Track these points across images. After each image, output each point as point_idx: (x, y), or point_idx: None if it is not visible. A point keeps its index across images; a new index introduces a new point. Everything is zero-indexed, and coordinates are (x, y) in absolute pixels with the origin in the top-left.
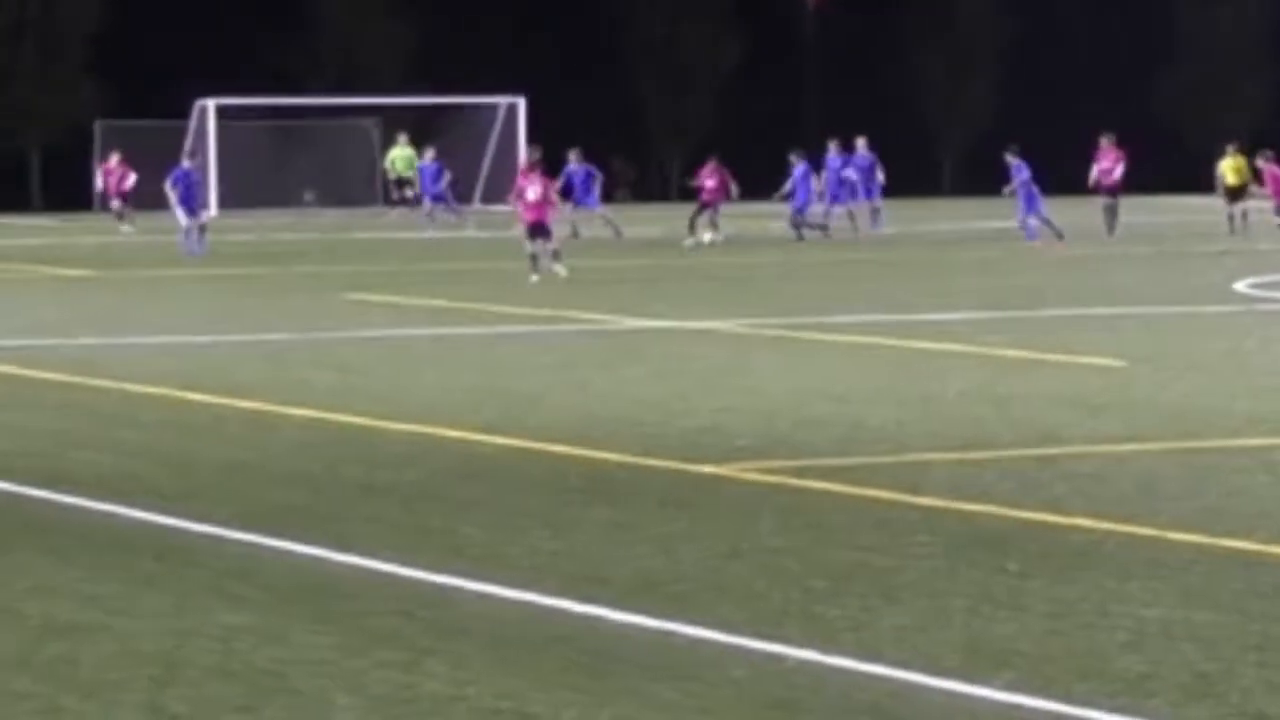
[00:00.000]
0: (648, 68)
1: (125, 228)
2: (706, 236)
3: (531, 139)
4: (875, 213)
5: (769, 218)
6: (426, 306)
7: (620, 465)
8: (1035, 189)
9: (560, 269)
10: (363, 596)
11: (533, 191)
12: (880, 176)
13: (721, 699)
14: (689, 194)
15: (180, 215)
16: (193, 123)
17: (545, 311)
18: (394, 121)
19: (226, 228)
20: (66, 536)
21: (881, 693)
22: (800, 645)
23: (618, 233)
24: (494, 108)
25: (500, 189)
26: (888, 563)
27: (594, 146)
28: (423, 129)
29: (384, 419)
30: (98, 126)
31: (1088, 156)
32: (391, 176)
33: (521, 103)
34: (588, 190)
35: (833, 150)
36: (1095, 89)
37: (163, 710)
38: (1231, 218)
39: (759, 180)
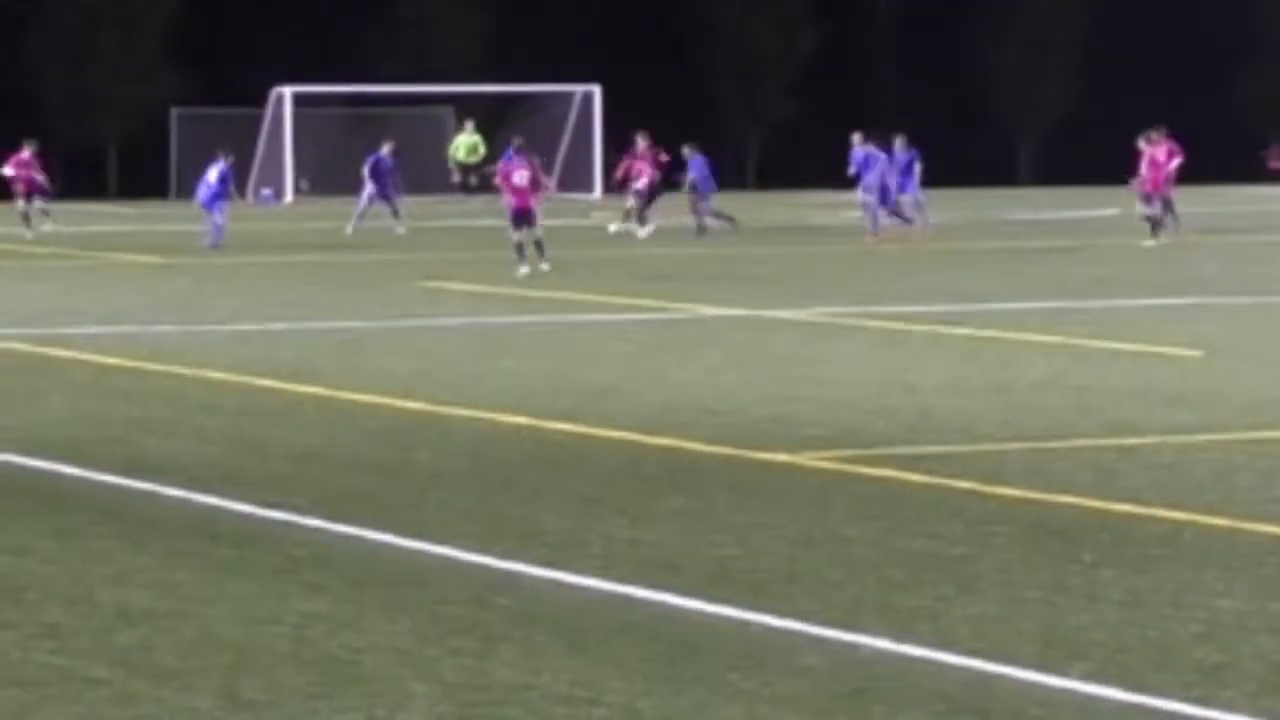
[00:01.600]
0: (723, 55)
1: (45, 227)
2: (612, 227)
3: (607, 127)
4: (918, 206)
5: (843, 206)
6: (503, 294)
7: (695, 453)
8: (892, 181)
9: (544, 265)
10: (437, 584)
11: (519, 176)
12: (918, 170)
13: (796, 688)
14: (766, 182)
15: (364, 201)
16: (269, 110)
17: (621, 300)
18: (469, 109)
19: (302, 215)
20: (142, 523)
21: (956, 682)
22: (875, 634)
23: (732, 223)
24: (569, 95)
25: (576, 178)
26: (963, 552)
27: (668, 135)
28: (498, 117)
29: (459, 406)
30: (174, 114)
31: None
32: (452, 164)
33: (597, 91)
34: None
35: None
36: (1170, 77)
37: (236, 697)
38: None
39: (832, 169)
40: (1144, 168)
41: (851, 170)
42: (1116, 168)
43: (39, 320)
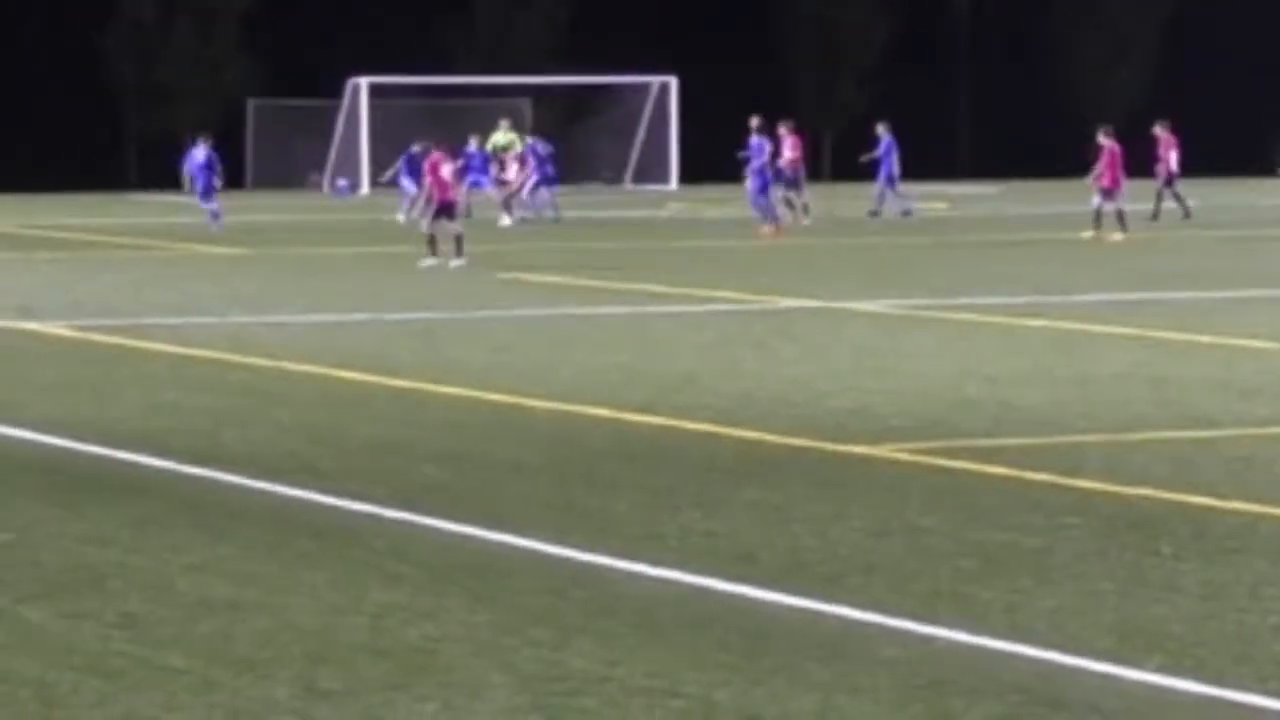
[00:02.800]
0: (800, 45)
1: None
2: (506, 220)
3: (683, 118)
4: (893, 196)
5: (919, 198)
6: (579, 286)
7: (772, 445)
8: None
9: (460, 261)
10: (514, 575)
11: (447, 169)
12: (895, 159)
13: (872, 679)
14: (844, 172)
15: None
16: (345, 101)
17: (698, 291)
18: (545, 100)
19: (377, 206)
20: (222, 514)
21: (1032, 674)
22: (951, 626)
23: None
24: (646, 86)
25: (652, 169)
26: (1039, 544)
27: (745, 126)
28: (574, 108)
29: (535, 398)
30: (250, 105)
31: (1249, 136)
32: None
33: (673, 82)
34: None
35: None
36: (1251, 67)
37: (315, 687)
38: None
39: (912, 160)
40: (1103, 162)
41: (743, 154)
42: (1194, 159)
43: (117, 311)
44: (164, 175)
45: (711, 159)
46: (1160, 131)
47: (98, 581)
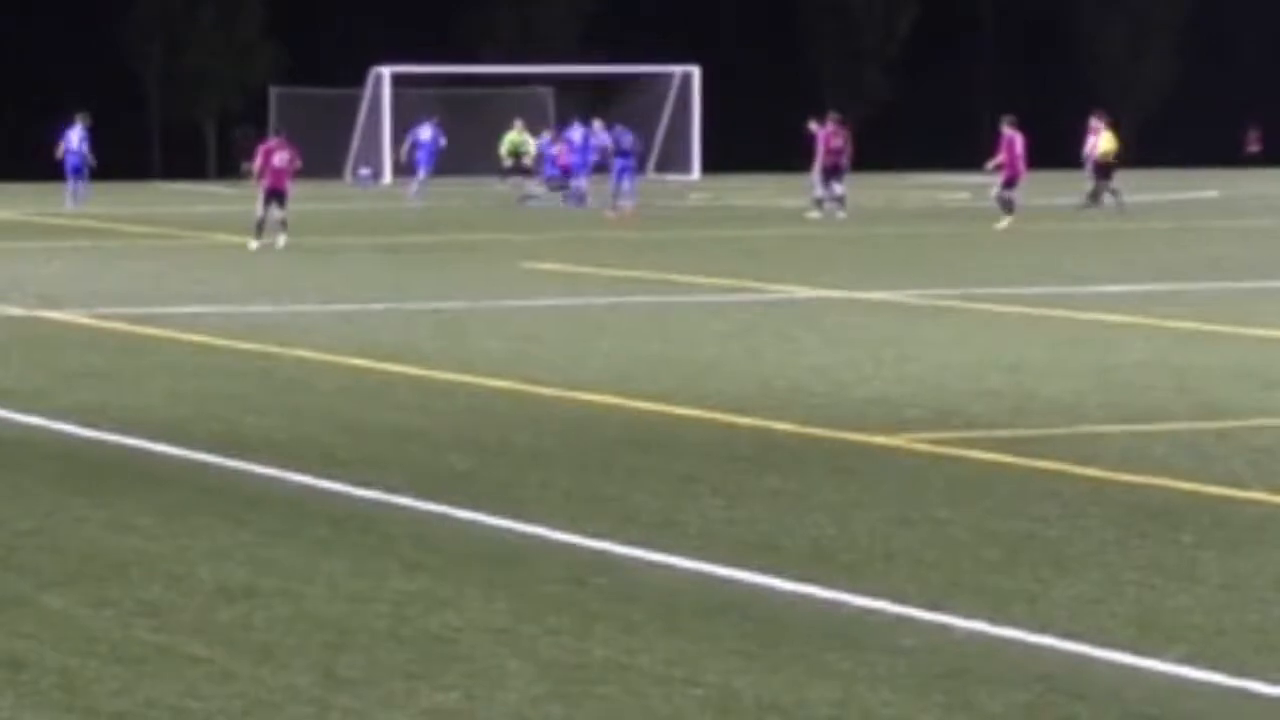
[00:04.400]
0: (822, 36)
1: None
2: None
3: (706, 108)
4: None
5: (942, 188)
6: (601, 275)
7: (792, 434)
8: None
9: (282, 239)
10: (535, 563)
11: (279, 158)
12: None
13: (892, 668)
14: (864, 163)
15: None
16: (368, 90)
17: (719, 281)
18: (569, 90)
19: (400, 196)
20: (242, 502)
21: (1052, 664)
22: (971, 616)
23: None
24: (669, 76)
25: (674, 159)
26: (1059, 534)
27: (768, 115)
28: (597, 98)
29: (557, 387)
30: (273, 93)
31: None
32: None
33: (696, 72)
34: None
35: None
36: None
37: (334, 675)
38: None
39: (930, 150)
40: (1003, 152)
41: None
42: (1218, 149)
43: (139, 300)
44: (186, 164)
45: (734, 148)
46: (1095, 122)
47: (119, 569)
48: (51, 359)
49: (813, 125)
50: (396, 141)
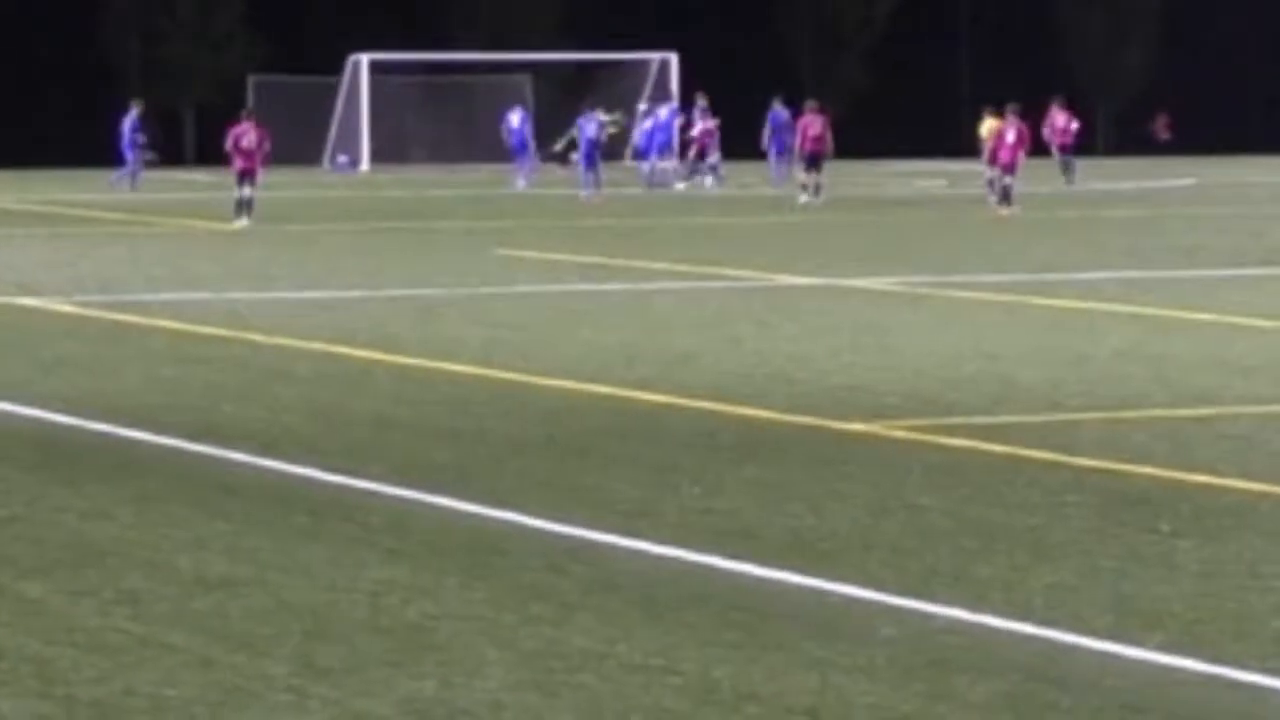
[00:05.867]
0: (800, 23)
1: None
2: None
3: (684, 94)
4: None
5: (920, 176)
6: (579, 262)
7: (771, 422)
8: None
9: (244, 221)
10: (513, 552)
11: (248, 140)
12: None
13: (871, 657)
14: (842, 151)
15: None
16: (345, 78)
17: (698, 268)
18: (546, 77)
19: (378, 183)
20: (219, 490)
21: (1031, 652)
22: (950, 604)
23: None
24: (646, 63)
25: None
26: (1038, 522)
27: (745, 102)
28: (575, 85)
29: (535, 375)
30: (250, 81)
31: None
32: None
33: (674, 58)
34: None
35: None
36: (1254, 50)
37: (312, 664)
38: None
39: (912, 137)
40: (994, 143)
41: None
42: (1195, 138)
43: (116, 287)
44: (164, 152)
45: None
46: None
47: (97, 558)
48: (30, 347)
49: (777, 107)
50: (375, 127)
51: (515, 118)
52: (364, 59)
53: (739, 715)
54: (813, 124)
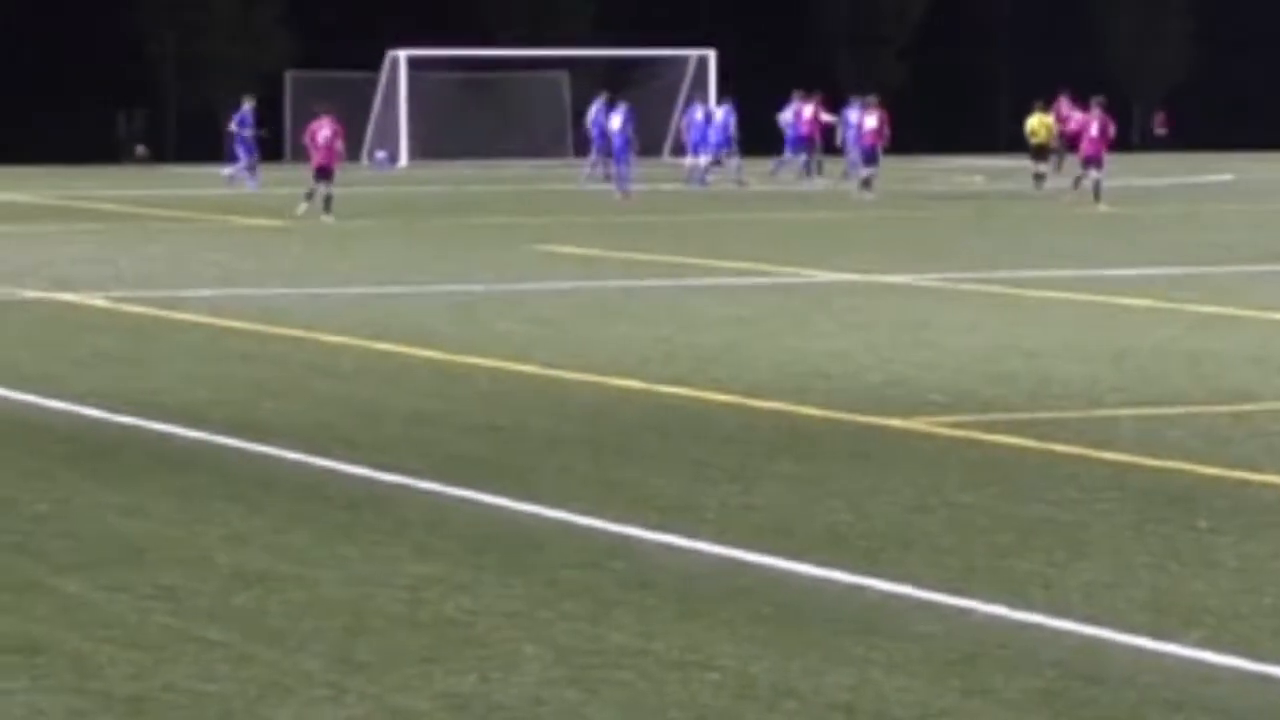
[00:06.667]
0: (836, 20)
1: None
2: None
3: (721, 91)
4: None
5: (956, 172)
6: (617, 259)
7: (809, 419)
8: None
9: (329, 219)
10: (550, 548)
11: (323, 135)
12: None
13: (908, 653)
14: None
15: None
16: (383, 74)
17: (736, 264)
18: (583, 73)
19: (417, 179)
20: (258, 486)
21: (1069, 649)
22: (987, 600)
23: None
24: (684, 60)
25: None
26: (1076, 518)
27: (781, 99)
28: (612, 81)
29: (573, 370)
30: (288, 78)
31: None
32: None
33: (712, 55)
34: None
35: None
36: None
37: (350, 659)
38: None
39: (944, 135)
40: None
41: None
42: (1233, 133)
43: (155, 283)
44: (202, 148)
45: (748, 132)
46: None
47: (135, 554)
48: (68, 342)
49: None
50: (413, 124)
51: (617, 118)
52: (402, 55)
53: (776, 711)
54: (869, 118)
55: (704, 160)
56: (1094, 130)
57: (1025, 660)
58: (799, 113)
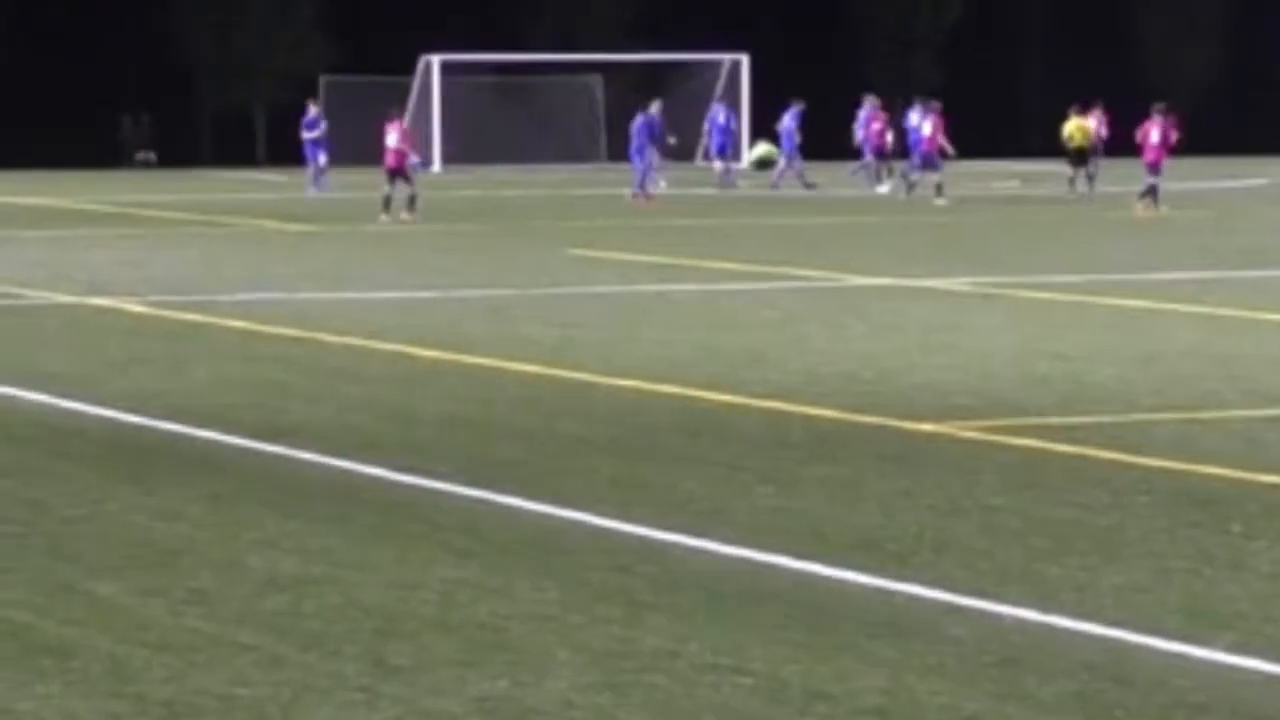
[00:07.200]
0: (871, 23)
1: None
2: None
3: (755, 96)
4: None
5: (991, 176)
6: (649, 263)
7: (840, 422)
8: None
9: (407, 215)
10: (582, 551)
11: (391, 138)
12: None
13: (941, 657)
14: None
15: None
16: (417, 78)
17: (767, 268)
18: (616, 78)
19: (450, 183)
20: (290, 490)
21: (1101, 652)
22: (1020, 604)
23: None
24: (717, 64)
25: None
26: (1109, 522)
27: (817, 104)
28: (645, 86)
29: (605, 374)
30: (322, 82)
31: None
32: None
33: (745, 59)
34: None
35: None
36: None
37: (383, 663)
38: (1073, 180)
39: (986, 137)
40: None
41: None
42: (1264, 136)
43: (188, 287)
44: (236, 152)
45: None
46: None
47: (168, 557)
48: (101, 346)
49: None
50: (446, 128)
51: (722, 115)
52: (435, 60)
53: (808, 715)
54: (927, 123)
55: (718, 165)
56: (1154, 137)
57: (1058, 664)
58: (872, 118)
